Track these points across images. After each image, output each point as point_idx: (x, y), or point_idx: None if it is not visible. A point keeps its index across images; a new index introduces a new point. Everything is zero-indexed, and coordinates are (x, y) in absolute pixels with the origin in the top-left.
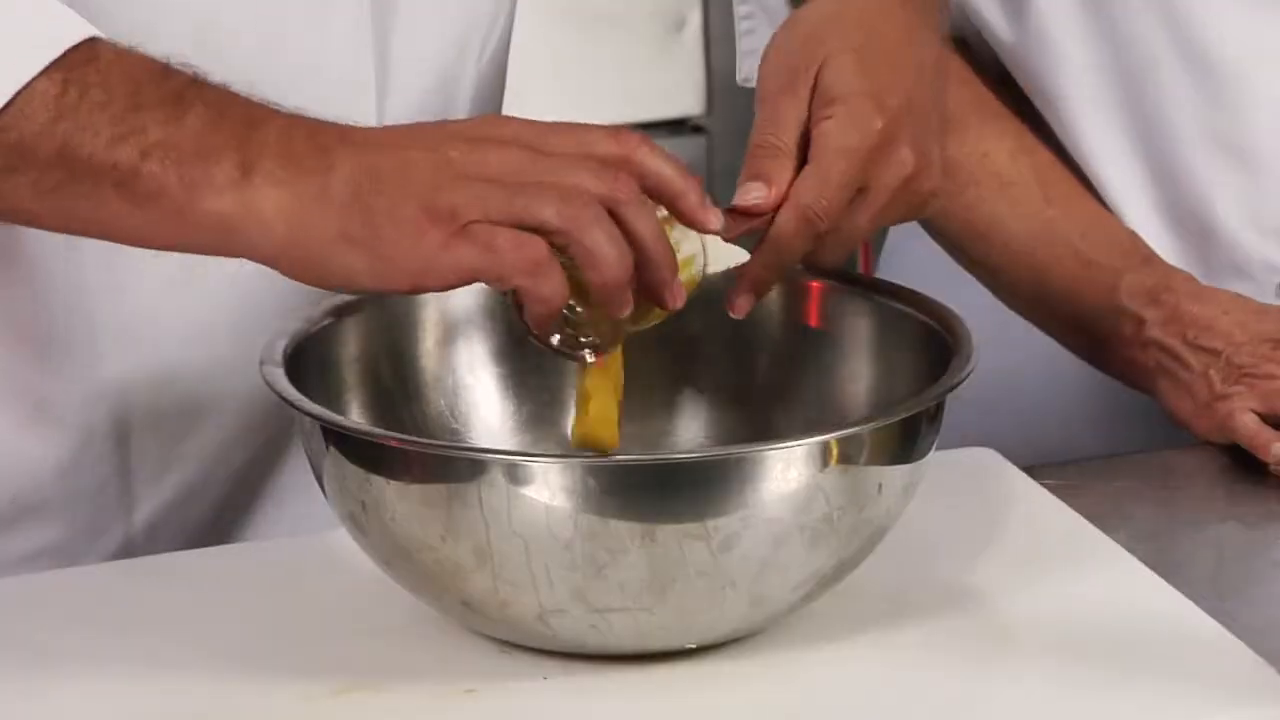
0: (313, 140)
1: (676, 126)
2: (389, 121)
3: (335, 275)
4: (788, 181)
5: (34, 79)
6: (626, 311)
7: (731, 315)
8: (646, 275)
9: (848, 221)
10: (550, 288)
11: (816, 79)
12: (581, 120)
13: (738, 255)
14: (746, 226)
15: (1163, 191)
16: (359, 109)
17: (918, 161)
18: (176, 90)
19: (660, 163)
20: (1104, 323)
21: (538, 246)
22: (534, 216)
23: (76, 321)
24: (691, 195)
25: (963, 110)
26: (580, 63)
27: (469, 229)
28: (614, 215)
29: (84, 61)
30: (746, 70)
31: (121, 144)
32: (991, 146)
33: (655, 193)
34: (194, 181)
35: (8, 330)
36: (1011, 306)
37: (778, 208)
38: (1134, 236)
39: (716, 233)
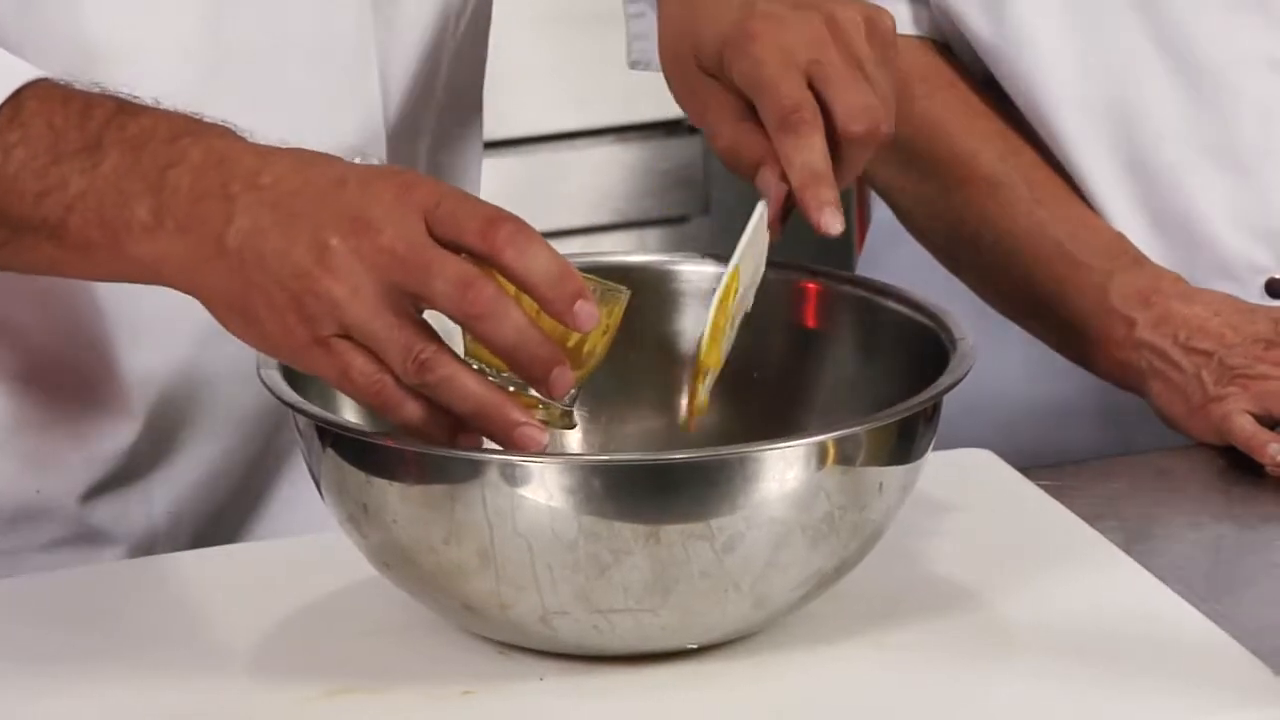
0: (222, 183)
1: (672, 127)
2: (391, 103)
3: (235, 335)
4: (840, 213)
5: None
6: (512, 429)
7: (830, 234)
8: (521, 376)
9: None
10: (399, 417)
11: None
12: (579, 120)
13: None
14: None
15: (1146, 192)
16: (364, 94)
17: (865, 12)
18: (95, 134)
19: (525, 263)
20: (1094, 324)
21: (384, 383)
22: (381, 351)
23: (91, 320)
24: (556, 302)
25: (949, 112)
26: (577, 63)
27: (329, 341)
28: (472, 330)
29: (7, 122)
30: (636, 53)
31: (46, 200)
32: (978, 148)
33: (523, 291)
34: (115, 229)
35: (30, 329)
36: (999, 309)
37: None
38: (1122, 238)
39: (585, 331)
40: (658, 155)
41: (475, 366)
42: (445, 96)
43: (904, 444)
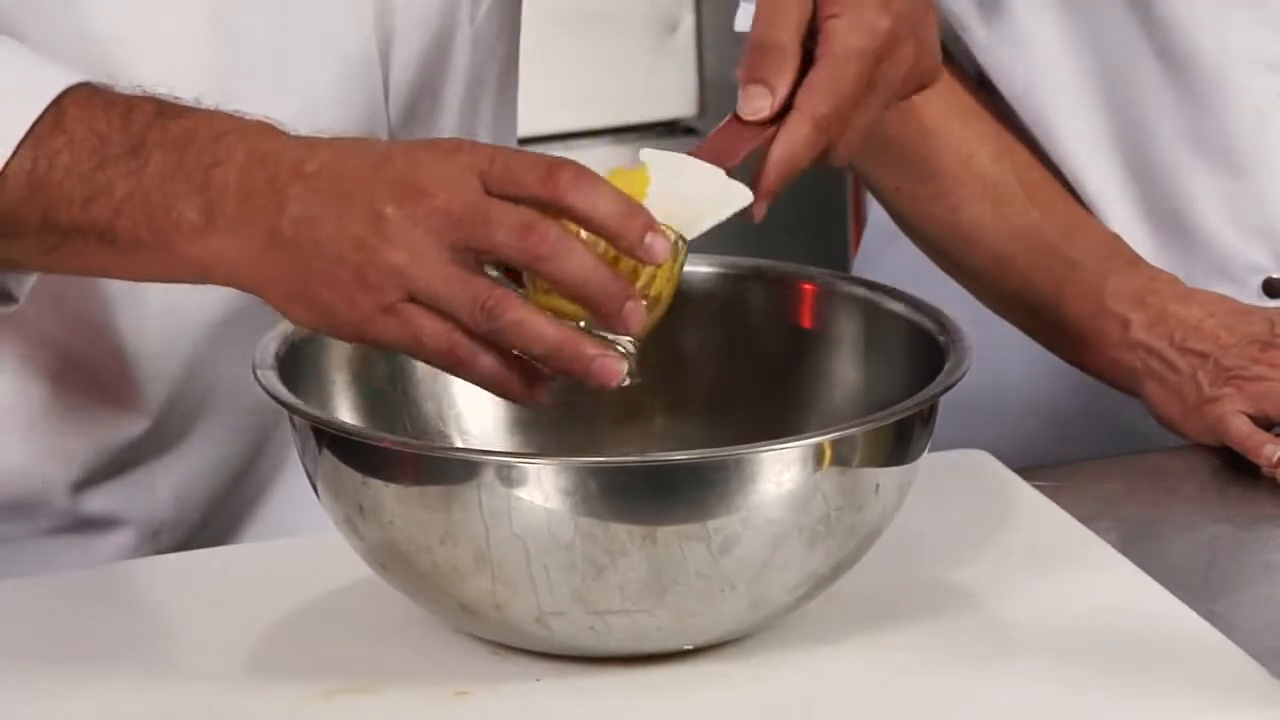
0: (269, 178)
1: (669, 128)
2: (394, 93)
3: (294, 322)
4: (789, 84)
5: (6, 162)
6: (598, 369)
7: (752, 221)
8: (594, 312)
9: (856, 118)
10: (474, 373)
11: None
12: (578, 120)
13: (743, 196)
14: (753, 145)
15: (1143, 192)
16: (367, 85)
17: (918, 52)
18: (138, 136)
19: (593, 202)
20: (1089, 325)
21: (455, 340)
22: (449, 306)
23: (101, 313)
24: (627, 234)
25: (943, 113)
26: (573, 64)
27: (396, 307)
28: (540, 272)
29: (50, 130)
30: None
31: (94, 204)
32: (974, 149)
33: (592, 232)
34: (164, 231)
35: (43, 320)
36: (994, 309)
37: (782, 113)
38: (1117, 239)
39: (658, 263)
40: None
41: None
42: (465, 88)
43: (900, 445)
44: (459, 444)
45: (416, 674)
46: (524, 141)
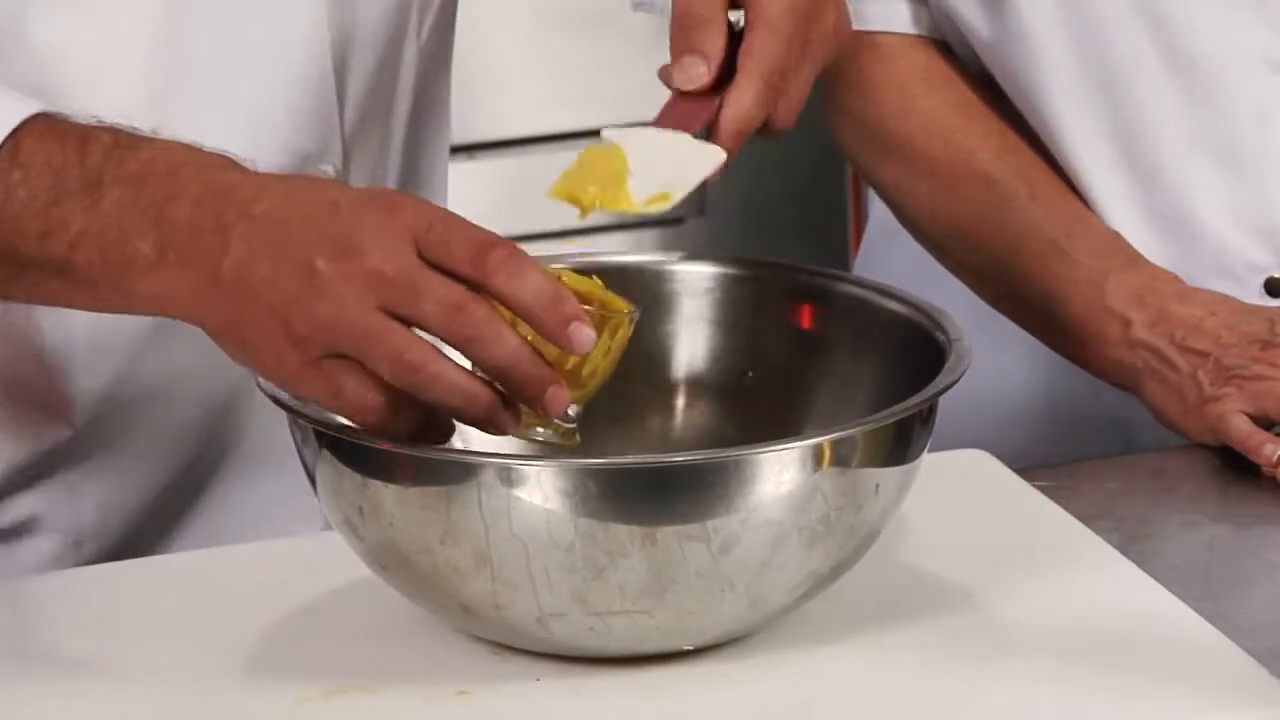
0: (218, 215)
1: None
2: (348, 109)
3: (237, 362)
4: (722, 50)
5: None
6: (514, 428)
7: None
8: (517, 397)
9: (794, 81)
10: (400, 428)
11: None
12: (577, 119)
13: (716, 156)
14: (706, 113)
15: (1145, 191)
16: (321, 99)
17: (837, 12)
18: (95, 170)
19: (519, 287)
20: (1089, 324)
21: (376, 401)
22: (371, 359)
23: (30, 331)
24: (550, 324)
25: (945, 110)
26: (573, 64)
27: (321, 364)
28: (465, 353)
29: (7, 165)
30: None
31: (50, 239)
32: (976, 146)
33: (518, 315)
34: (119, 266)
35: None
36: (995, 306)
37: (719, 80)
38: (1118, 237)
39: (582, 354)
40: None
41: None
42: (412, 101)
43: (900, 445)
44: (459, 445)
45: (417, 674)
46: (521, 143)
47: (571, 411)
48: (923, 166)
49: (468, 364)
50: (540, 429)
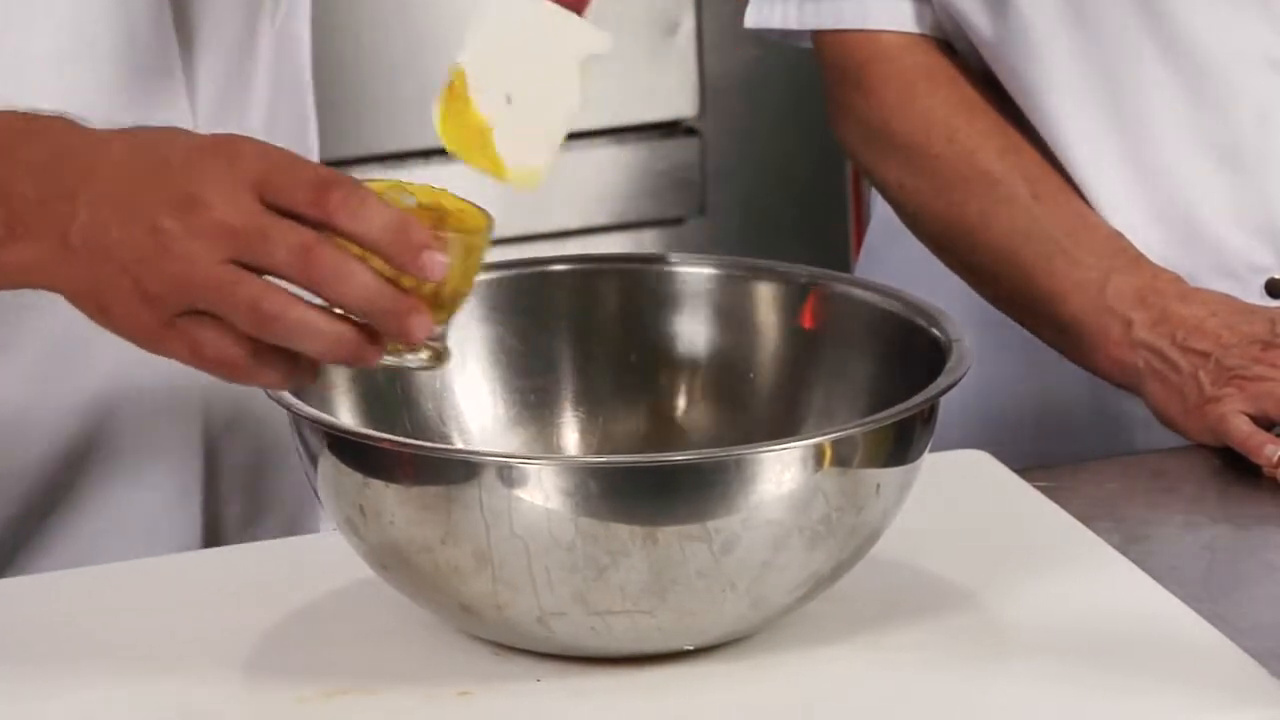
0: (61, 184)
1: (669, 129)
2: (201, 103)
3: (104, 327)
4: None
5: None
6: (378, 359)
7: None
8: (380, 330)
9: None
10: (261, 380)
11: None
12: (574, 121)
13: (603, 41)
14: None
15: (1147, 191)
16: (168, 91)
17: None
18: None
19: (363, 223)
20: (1091, 324)
21: (237, 354)
22: (227, 312)
23: None
24: (401, 257)
25: (948, 109)
26: None
27: (176, 323)
28: (321, 295)
29: None
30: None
31: None
32: (978, 145)
33: (367, 250)
34: None
35: None
36: (996, 306)
37: None
38: (1120, 237)
39: (437, 280)
40: (654, 157)
41: None
42: (270, 91)
43: (901, 445)
44: (459, 444)
45: (417, 674)
46: None
47: (438, 331)
48: (925, 165)
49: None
50: (410, 355)
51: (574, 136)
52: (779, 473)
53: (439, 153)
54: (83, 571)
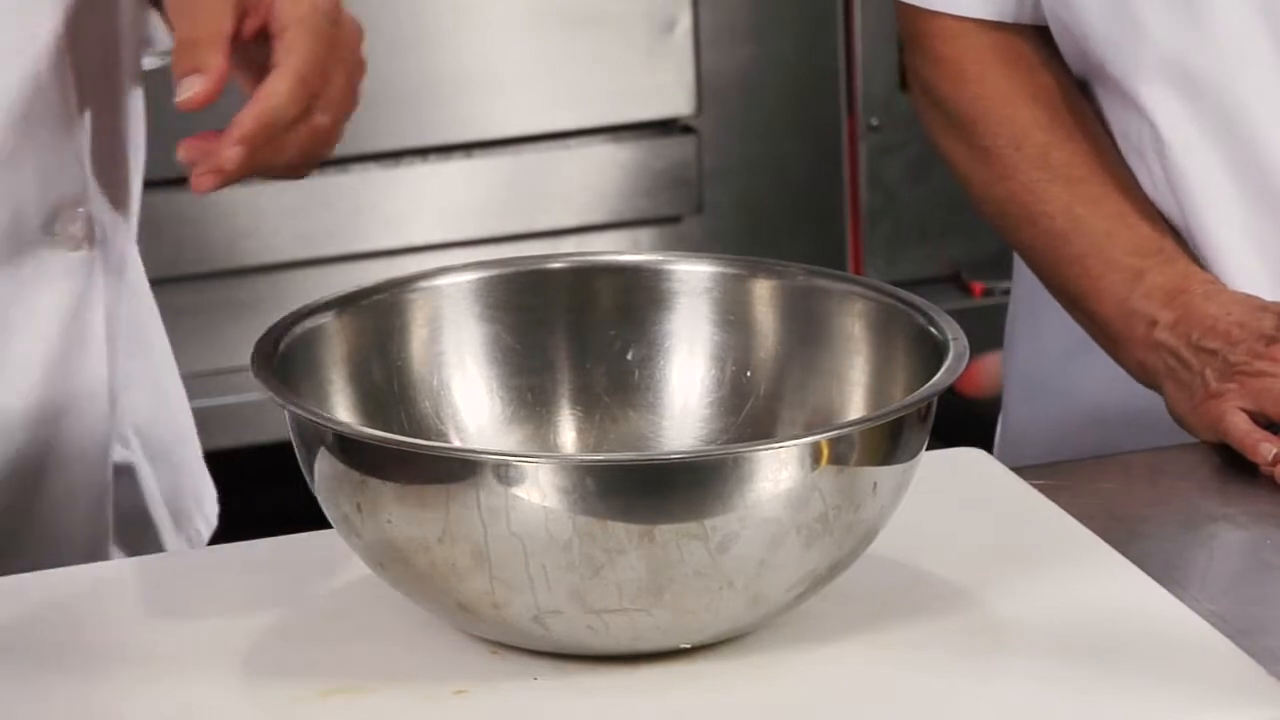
0: None
1: (666, 127)
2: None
3: None
4: (222, 68)
5: None
6: None
7: (195, 193)
8: None
9: (334, 77)
10: None
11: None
12: (574, 119)
13: None
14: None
15: (1253, 187)
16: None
17: (356, 66)
18: None
19: None
20: (1118, 324)
21: None
22: None
23: None
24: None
25: (997, 96)
26: (571, 64)
27: None
28: None
29: None
30: None
31: None
32: (1022, 136)
33: None
34: None
35: None
36: (1047, 289)
37: (215, 94)
38: (1161, 235)
39: None
40: (651, 155)
41: None
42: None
43: (898, 444)
44: (456, 443)
45: (415, 673)
46: (519, 141)
47: None
48: (977, 147)
49: None
50: None
51: (571, 134)
52: (776, 471)
53: (439, 151)
54: (81, 570)
